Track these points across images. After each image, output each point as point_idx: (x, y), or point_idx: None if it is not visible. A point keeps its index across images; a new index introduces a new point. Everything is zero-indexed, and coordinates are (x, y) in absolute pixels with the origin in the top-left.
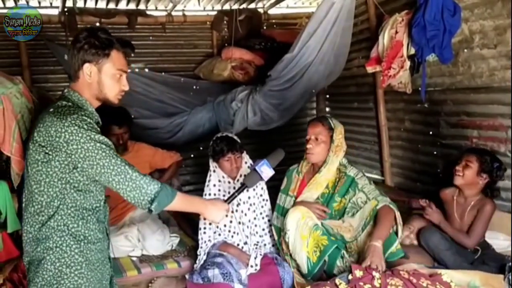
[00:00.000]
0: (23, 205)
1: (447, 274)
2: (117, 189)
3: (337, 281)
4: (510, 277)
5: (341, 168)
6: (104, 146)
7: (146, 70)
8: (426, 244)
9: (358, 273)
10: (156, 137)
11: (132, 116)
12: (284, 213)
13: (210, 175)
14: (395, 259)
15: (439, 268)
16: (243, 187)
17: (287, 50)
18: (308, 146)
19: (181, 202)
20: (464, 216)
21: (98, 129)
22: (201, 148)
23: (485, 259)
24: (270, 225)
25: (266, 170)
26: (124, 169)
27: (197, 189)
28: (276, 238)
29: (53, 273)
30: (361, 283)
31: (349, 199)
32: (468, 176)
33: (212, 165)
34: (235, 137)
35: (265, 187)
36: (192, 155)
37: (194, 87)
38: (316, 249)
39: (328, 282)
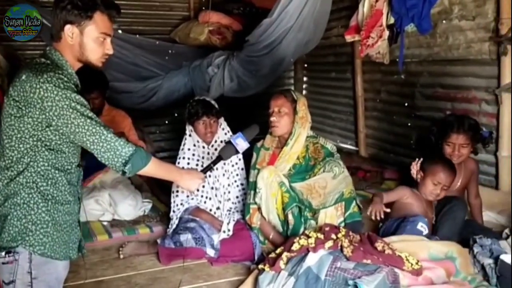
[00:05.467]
0: None
1: (425, 244)
2: (91, 150)
3: (307, 232)
4: (475, 250)
5: (312, 140)
6: (79, 106)
7: (120, 31)
8: (453, 212)
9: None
10: (130, 101)
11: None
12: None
13: (185, 139)
14: (352, 220)
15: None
16: (219, 158)
17: (266, 16)
18: (272, 118)
19: (155, 168)
20: (459, 180)
21: (75, 89)
22: (176, 115)
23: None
24: (244, 193)
25: (241, 143)
26: (99, 130)
27: (172, 156)
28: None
29: (19, 229)
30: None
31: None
32: (465, 154)
33: (188, 128)
34: (212, 101)
35: (241, 155)
36: (166, 121)
37: (170, 51)
38: (282, 205)
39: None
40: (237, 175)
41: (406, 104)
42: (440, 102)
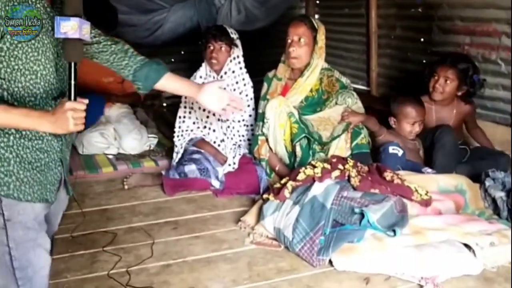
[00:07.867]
0: None
1: (434, 177)
2: None
3: (313, 162)
4: (486, 184)
5: (326, 72)
6: None
7: None
8: (441, 139)
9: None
10: (134, 35)
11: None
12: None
13: (202, 66)
14: (359, 151)
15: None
16: (72, 65)
17: None
18: (291, 49)
19: (4, 119)
20: (450, 122)
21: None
22: (182, 52)
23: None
24: (252, 134)
25: (67, 26)
26: None
27: (178, 96)
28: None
29: None
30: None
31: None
32: (448, 92)
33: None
34: (230, 30)
35: (252, 95)
36: (173, 59)
37: None
38: (291, 137)
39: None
40: (246, 114)
41: (422, 40)
42: (459, 36)
